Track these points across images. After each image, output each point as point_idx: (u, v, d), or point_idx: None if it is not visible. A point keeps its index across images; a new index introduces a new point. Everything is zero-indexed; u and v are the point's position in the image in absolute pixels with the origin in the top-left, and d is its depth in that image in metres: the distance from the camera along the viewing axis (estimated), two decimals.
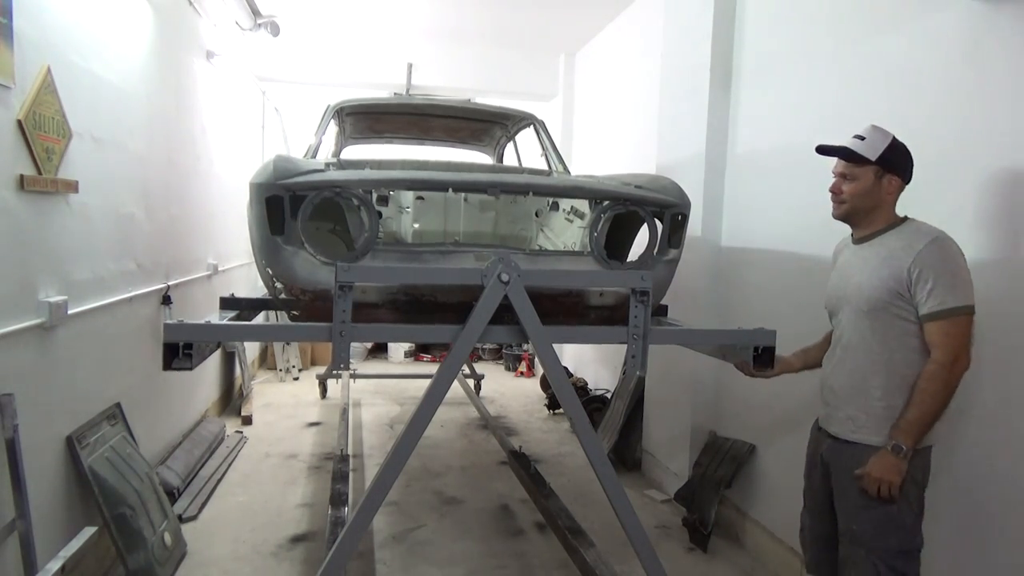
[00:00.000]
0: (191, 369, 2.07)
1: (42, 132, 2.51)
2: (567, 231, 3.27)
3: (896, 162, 2.02)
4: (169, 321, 2.09)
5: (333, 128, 4.00)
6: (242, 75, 6.46)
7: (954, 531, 2.26)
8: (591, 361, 6.11)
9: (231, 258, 5.87)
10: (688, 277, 3.90)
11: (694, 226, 3.82)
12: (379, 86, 6.83)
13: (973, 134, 2.21)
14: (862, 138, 2.04)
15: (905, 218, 2.05)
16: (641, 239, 2.75)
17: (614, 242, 2.87)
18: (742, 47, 3.64)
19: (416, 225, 3.11)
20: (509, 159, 4.26)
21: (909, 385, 1.95)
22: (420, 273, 2.14)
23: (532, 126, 3.91)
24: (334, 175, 2.32)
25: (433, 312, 2.29)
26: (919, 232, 1.96)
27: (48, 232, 2.61)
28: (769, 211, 3.35)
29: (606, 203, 2.57)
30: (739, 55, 3.66)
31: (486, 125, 4.01)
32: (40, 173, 2.51)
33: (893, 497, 1.93)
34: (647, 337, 2.28)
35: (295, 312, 2.53)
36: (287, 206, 2.25)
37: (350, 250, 2.33)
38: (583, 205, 3.10)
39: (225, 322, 2.26)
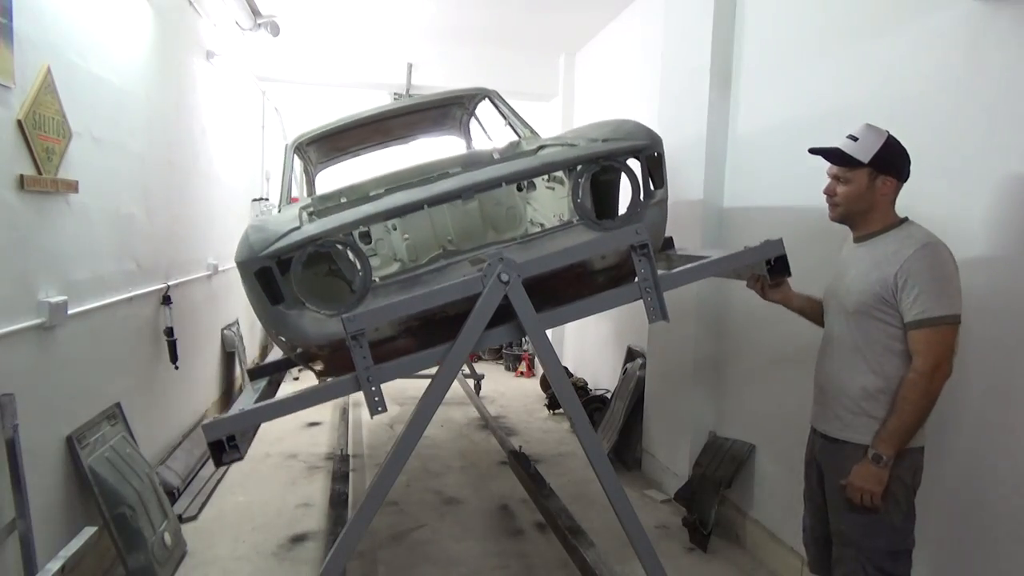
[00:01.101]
0: (242, 458, 2.10)
1: (42, 132, 2.51)
2: (554, 200, 3.23)
3: (891, 162, 1.98)
4: (206, 421, 2.12)
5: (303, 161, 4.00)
6: (242, 75, 6.46)
7: (948, 533, 2.26)
8: (591, 361, 6.11)
9: (231, 258, 5.86)
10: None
11: (694, 229, 3.82)
12: (379, 86, 6.83)
13: (972, 133, 2.21)
14: (855, 138, 2.01)
15: (904, 219, 2.03)
16: (628, 184, 2.71)
17: (602, 192, 2.81)
18: (742, 47, 3.64)
19: (406, 238, 3.09)
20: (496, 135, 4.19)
21: (891, 389, 1.94)
22: (423, 299, 2.13)
23: (487, 99, 3.89)
24: (312, 229, 2.32)
25: (449, 326, 2.28)
26: (911, 237, 1.93)
27: (48, 232, 2.61)
28: (769, 213, 3.35)
29: (579, 167, 2.53)
30: (739, 55, 3.66)
31: (443, 109, 3.98)
32: (40, 173, 2.51)
33: (876, 506, 1.93)
34: (659, 286, 2.26)
35: (319, 367, 2.54)
36: (277, 273, 2.26)
37: (351, 288, 2.33)
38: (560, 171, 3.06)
39: (259, 404, 2.25)
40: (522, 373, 7.32)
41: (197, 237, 4.81)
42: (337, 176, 4.43)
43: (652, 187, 2.64)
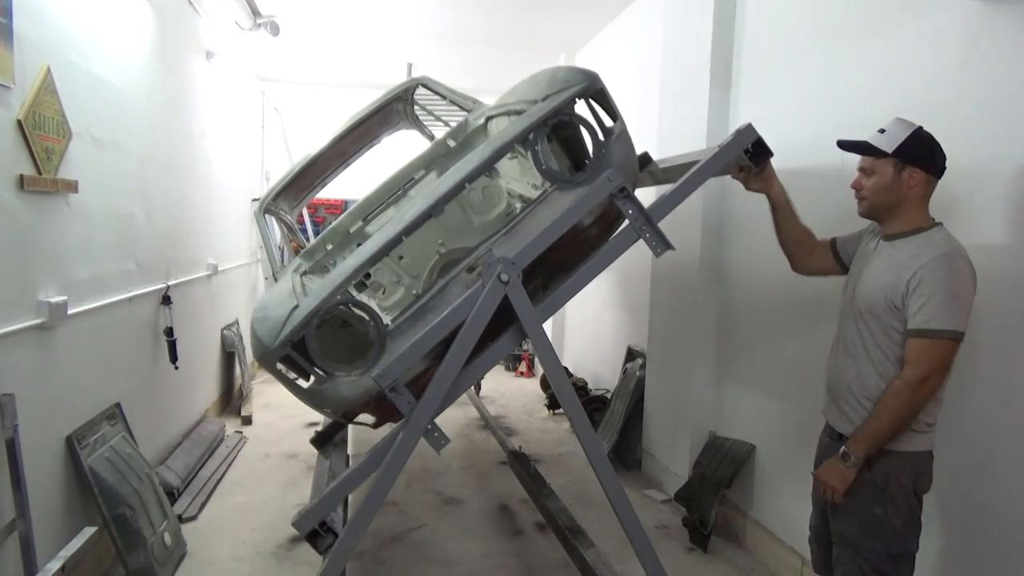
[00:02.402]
0: (339, 536, 2.22)
1: (42, 132, 2.51)
2: (522, 169, 3.21)
3: (918, 154, 1.93)
4: (293, 519, 2.21)
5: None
6: (242, 75, 6.46)
7: (950, 536, 2.26)
8: (591, 361, 6.12)
9: (231, 258, 5.87)
10: (686, 283, 3.91)
11: (693, 244, 3.82)
12: (379, 86, 6.76)
13: (973, 134, 2.21)
14: (883, 131, 1.99)
15: (936, 224, 1.96)
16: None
17: (567, 137, 2.78)
18: (742, 47, 3.64)
19: (401, 258, 3.11)
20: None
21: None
22: (438, 328, 2.14)
23: (420, 87, 3.91)
24: (310, 303, 2.37)
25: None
26: (932, 244, 1.88)
27: (48, 232, 2.61)
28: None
29: (530, 137, 2.51)
30: (739, 55, 3.66)
31: (385, 110, 3.99)
32: (40, 173, 2.51)
33: (836, 503, 1.96)
34: (652, 221, 2.23)
35: (370, 420, 2.59)
36: (298, 356, 2.34)
37: (366, 328, 2.37)
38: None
39: (335, 484, 2.29)
40: (522, 373, 7.32)
41: (197, 237, 4.81)
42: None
43: (610, 120, 2.61)
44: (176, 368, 4.03)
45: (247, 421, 5.39)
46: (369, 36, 6.43)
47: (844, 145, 2.08)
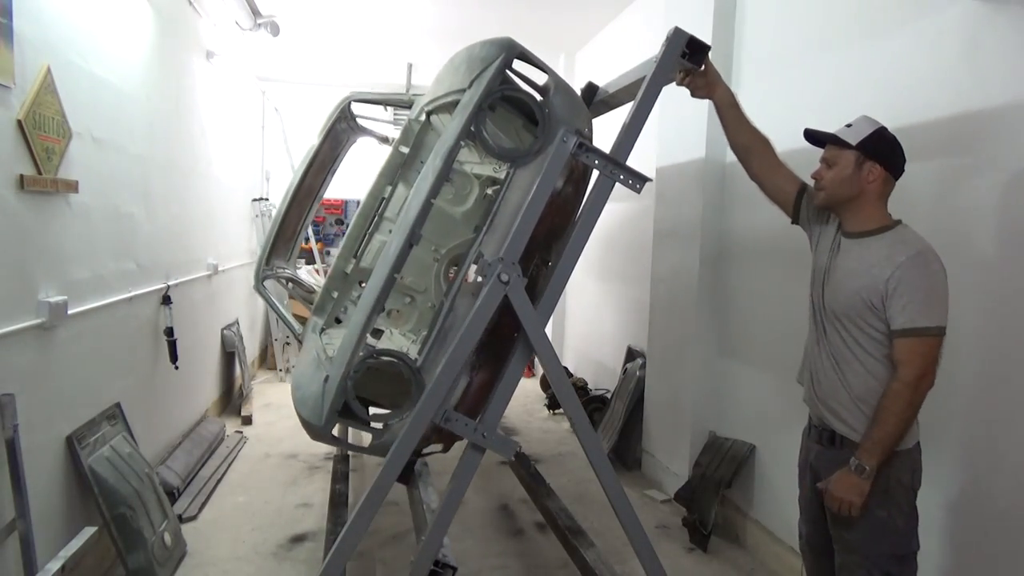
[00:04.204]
0: (456, 568, 2.37)
1: (42, 132, 2.51)
2: (480, 152, 3.16)
3: (880, 150, 1.96)
4: (409, 572, 2.29)
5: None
6: (242, 75, 6.46)
7: (951, 534, 2.26)
8: (591, 361, 6.11)
9: (231, 258, 5.87)
10: (685, 272, 3.91)
11: (694, 243, 3.82)
12: (379, 86, 6.82)
13: (972, 135, 2.21)
14: (850, 126, 2.02)
15: (898, 222, 1.98)
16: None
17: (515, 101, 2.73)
18: (742, 47, 3.64)
19: (404, 279, 3.12)
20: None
21: (874, 392, 1.92)
22: (462, 345, 2.14)
23: (351, 103, 3.92)
24: (336, 370, 2.42)
25: (503, 340, 2.27)
26: (904, 243, 1.90)
27: (48, 232, 2.61)
28: (771, 213, 3.34)
29: (472, 128, 2.50)
30: (739, 55, 3.66)
31: (333, 135, 3.99)
32: (40, 173, 2.51)
33: (854, 518, 1.91)
34: (619, 163, 2.20)
35: (438, 448, 2.66)
36: (349, 423, 2.42)
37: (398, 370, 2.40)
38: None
39: (432, 527, 2.31)
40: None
41: (197, 237, 4.81)
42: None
43: (543, 75, 2.59)
44: (176, 368, 4.03)
45: (247, 421, 5.39)
46: (369, 36, 6.43)
47: (810, 135, 2.10)
